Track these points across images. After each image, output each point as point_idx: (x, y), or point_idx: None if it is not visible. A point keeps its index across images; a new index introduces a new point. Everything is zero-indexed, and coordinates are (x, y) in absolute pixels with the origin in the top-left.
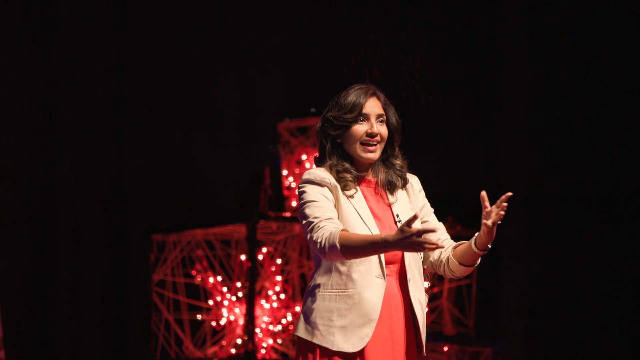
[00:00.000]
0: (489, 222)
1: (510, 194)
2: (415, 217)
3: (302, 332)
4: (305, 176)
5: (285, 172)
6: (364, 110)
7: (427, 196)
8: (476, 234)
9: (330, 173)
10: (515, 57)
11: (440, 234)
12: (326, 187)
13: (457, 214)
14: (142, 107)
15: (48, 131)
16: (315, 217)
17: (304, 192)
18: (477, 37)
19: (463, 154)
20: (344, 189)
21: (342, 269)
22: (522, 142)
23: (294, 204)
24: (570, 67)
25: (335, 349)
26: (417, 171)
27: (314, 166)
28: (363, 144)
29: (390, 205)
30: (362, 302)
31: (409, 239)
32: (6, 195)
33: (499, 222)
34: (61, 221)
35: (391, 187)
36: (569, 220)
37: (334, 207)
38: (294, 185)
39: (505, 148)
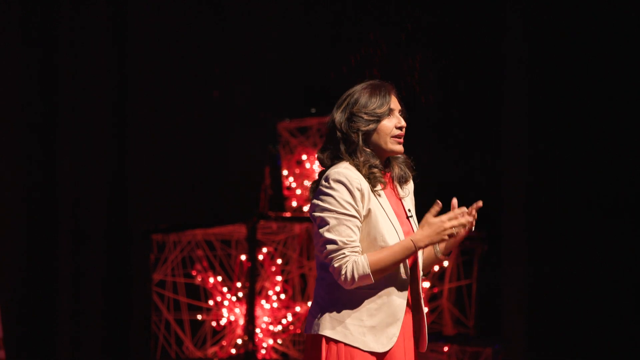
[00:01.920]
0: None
1: (480, 203)
2: (438, 205)
3: (328, 331)
4: (336, 176)
5: (285, 172)
6: (391, 105)
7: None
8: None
9: (362, 169)
10: (515, 57)
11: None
12: (359, 192)
13: None
14: (142, 107)
15: (48, 131)
16: (343, 244)
17: (331, 195)
18: (477, 37)
19: (463, 154)
20: (374, 186)
21: None
22: (522, 142)
23: (294, 204)
24: (571, 67)
25: (367, 349)
26: (418, 170)
27: (318, 164)
28: (394, 137)
29: (401, 199)
30: (390, 301)
31: (441, 227)
32: (6, 195)
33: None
34: (61, 221)
35: (402, 181)
36: (569, 220)
37: (360, 218)
38: (294, 185)
39: (505, 148)
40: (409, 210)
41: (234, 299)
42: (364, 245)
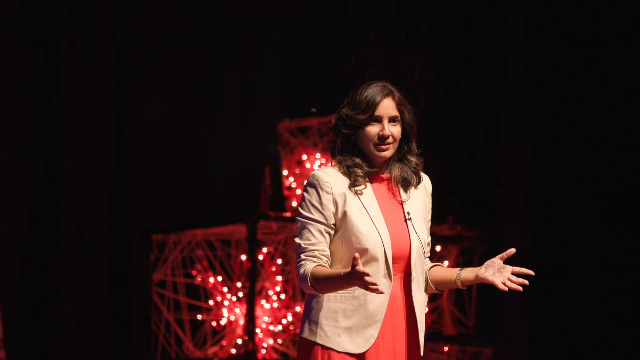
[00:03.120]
0: (498, 283)
1: (532, 274)
2: (355, 259)
3: (306, 332)
4: (310, 179)
5: (285, 172)
6: (377, 112)
7: None
8: (463, 268)
9: (340, 168)
10: (515, 57)
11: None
12: (330, 195)
13: (457, 214)
14: (142, 107)
15: (48, 131)
16: (301, 248)
17: (304, 198)
18: (477, 37)
19: (463, 154)
20: (353, 184)
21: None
22: (522, 142)
23: (294, 204)
24: (571, 67)
25: (340, 350)
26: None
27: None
28: (375, 144)
29: (402, 203)
30: (367, 303)
31: (356, 277)
32: (6, 195)
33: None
34: (61, 221)
35: (405, 184)
36: (569, 220)
37: (326, 221)
38: (294, 185)
39: (505, 148)
40: (408, 213)
41: (234, 299)
42: (344, 247)
